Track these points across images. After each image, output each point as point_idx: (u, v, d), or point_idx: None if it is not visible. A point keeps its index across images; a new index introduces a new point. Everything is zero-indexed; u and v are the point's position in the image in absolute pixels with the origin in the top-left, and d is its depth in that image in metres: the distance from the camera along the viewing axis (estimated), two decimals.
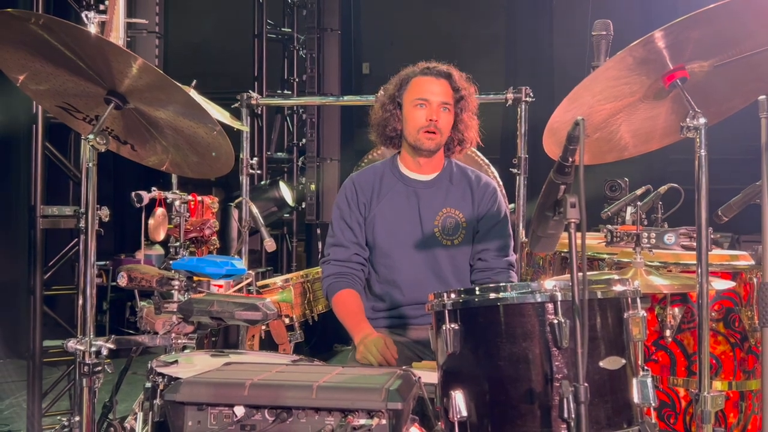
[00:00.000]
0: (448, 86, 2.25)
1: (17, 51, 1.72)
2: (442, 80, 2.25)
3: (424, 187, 2.31)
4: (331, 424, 1.32)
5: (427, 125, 2.22)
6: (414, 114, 2.24)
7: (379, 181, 2.33)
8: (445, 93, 2.24)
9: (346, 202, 2.33)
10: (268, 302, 1.68)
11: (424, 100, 2.23)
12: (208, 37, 6.57)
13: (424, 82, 2.25)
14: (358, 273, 2.29)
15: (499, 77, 6.18)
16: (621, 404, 1.36)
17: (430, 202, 2.29)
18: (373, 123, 2.37)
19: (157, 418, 1.59)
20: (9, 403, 4.28)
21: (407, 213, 2.28)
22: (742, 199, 2.16)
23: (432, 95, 2.23)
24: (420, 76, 2.27)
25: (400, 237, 2.27)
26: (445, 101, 2.24)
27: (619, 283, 1.42)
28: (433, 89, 2.24)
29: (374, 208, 2.31)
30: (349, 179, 2.41)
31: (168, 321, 1.90)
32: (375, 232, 2.29)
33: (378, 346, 2.03)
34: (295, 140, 6.35)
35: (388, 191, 2.31)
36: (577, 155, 1.25)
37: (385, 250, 2.28)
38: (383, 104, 2.33)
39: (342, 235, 2.30)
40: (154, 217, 2.54)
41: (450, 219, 2.26)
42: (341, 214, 2.32)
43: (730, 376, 2.33)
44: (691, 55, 1.59)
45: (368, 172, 2.39)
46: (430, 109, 2.22)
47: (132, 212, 2.94)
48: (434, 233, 2.25)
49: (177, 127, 1.87)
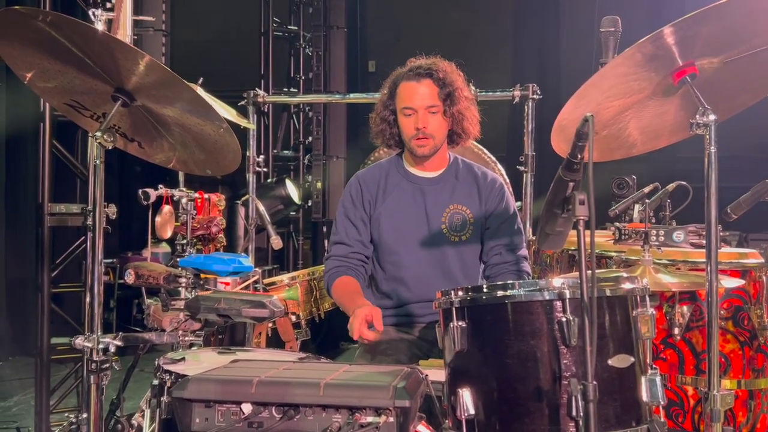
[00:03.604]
0: (432, 85, 2.21)
1: (25, 48, 1.72)
2: (425, 81, 2.21)
3: (429, 184, 2.31)
4: (338, 422, 1.32)
5: (416, 134, 2.21)
6: (404, 123, 2.24)
7: (385, 179, 2.33)
8: (429, 95, 2.20)
9: (350, 200, 2.34)
10: (275, 299, 1.68)
11: (410, 108, 2.21)
12: (214, 34, 6.57)
13: (408, 88, 2.22)
14: (359, 267, 2.29)
15: (506, 74, 6.16)
16: (630, 402, 1.35)
17: (437, 198, 2.28)
18: (374, 131, 2.38)
19: (165, 415, 1.60)
20: (17, 400, 4.30)
21: (413, 210, 2.28)
22: (751, 197, 2.15)
23: (416, 101, 2.20)
24: (404, 81, 2.24)
25: (406, 234, 2.27)
26: (431, 104, 2.20)
27: (627, 281, 1.41)
28: (416, 94, 2.20)
29: (380, 205, 2.31)
30: (354, 177, 2.41)
31: (175, 318, 1.91)
32: (381, 230, 2.29)
33: (357, 319, 1.98)
34: (301, 138, 6.35)
35: (394, 189, 2.32)
36: (586, 152, 1.24)
37: (391, 248, 2.28)
38: (379, 112, 2.33)
39: (345, 233, 2.31)
40: (161, 215, 2.54)
41: (457, 215, 2.26)
42: (345, 212, 2.33)
43: (739, 375, 2.31)
44: (701, 51, 1.58)
45: (374, 169, 2.39)
46: (416, 116, 2.21)
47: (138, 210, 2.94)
48: (441, 230, 2.25)
49: (184, 125, 1.87)
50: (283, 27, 6.31)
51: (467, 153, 3.21)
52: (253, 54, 6.07)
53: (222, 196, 2.82)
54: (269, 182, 5.60)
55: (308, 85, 6.18)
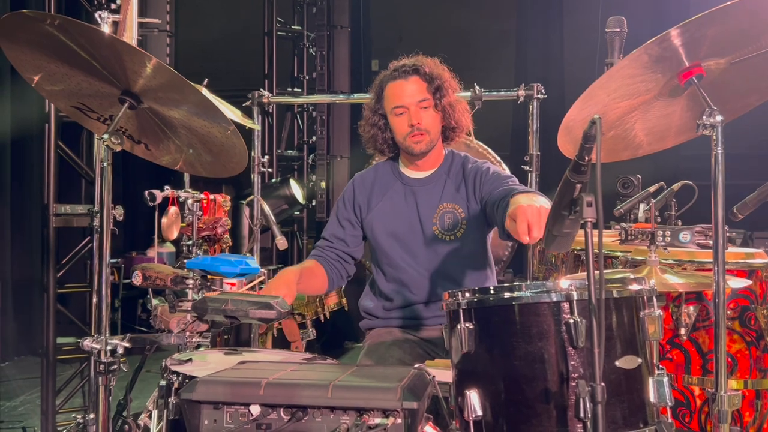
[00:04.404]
0: (420, 81, 2.19)
1: (32, 52, 1.73)
2: (412, 78, 2.19)
3: (420, 185, 2.29)
4: (346, 423, 1.32)
5: (410, 131, 2.19)
6: (397, 123, 2.22)
7: (379, 182, 2.34)
8: (419, 90, 2.19)
9: (343, 201, 2.38)
10: (282, 300, 1.68)
11: (401, 106, 2.20)
12: (218, 35, 6.58)
13: (396, 87, 2.21)
14: (334, 261, 2.32)
15: (510, 74, 6.16)
16: (637, 404, 1.35)
17: (427, 199, 2.26)
18: (365, 138, 2.36)
19: (172, 416, 1.60)
20: (23, 399, 4.32)
21: (405, 213, 2.27)
22: (757, 197, 2.15)
23: (407, 98, 2.19)
24: (390, 81, 2.22)
25: (400, 238, 2.26)
26: (422, 99, 2.19)
27: (635, 282, 1.41)
28: (406, 92, 2.19)
29: (373, 208, 2.31)
30: (353, 178, 2.43)
31: (182, 319, 1.92)
32: (375, 233, 2.29)
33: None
34: (305, 138, 6.36)
35: (387, 191, 2.32)
36: (594, 154, 1.24)
37: (387, 251, 2.28)
38: (368, 119, 2.31)
39: (330, 230, 2.36)
40: (168, 216, 2.55)
41: (448, 215, 2.23)
42: (336, 211, 2.38)
43: (745, 375, 2.31)
44: (707, 52, 1.57)
45: (371, 171, 2.40)
46: (409, 113, 2.19)
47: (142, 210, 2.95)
48: (434, 232, 2.23)
49: (191, 127, 1.87)
50: (286, 27, 6.31)
51: (472, 153, 3.21)
52: (256, 54, 6.08)
53: (227, 196, 2.83)
54: (273, 182, 5.61)
55: (312, 85, 6.19)
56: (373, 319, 2.35)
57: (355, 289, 2.88)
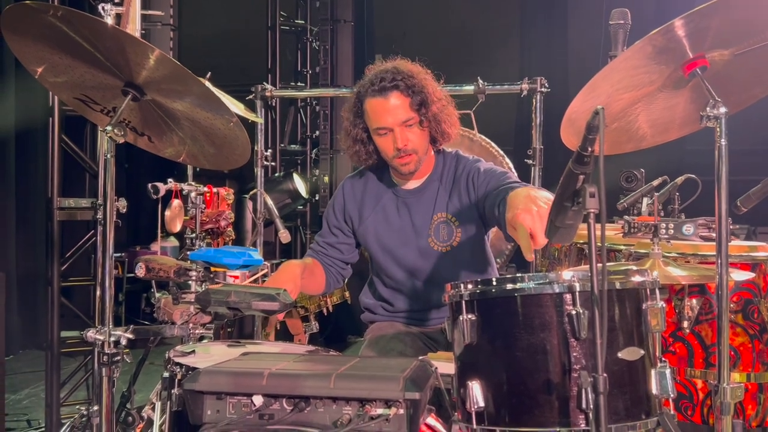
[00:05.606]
0: (401, 97, 2.05)
1: (36, 43, 1.73)
2: (392, 94, 2.05)
3: (412, 195, 2.22)
4: (348, 414, 1.33)
5: (396, 154, 2.09)
6: (381, 143, 2.11)
7: (370, 192, 2.27)
8: (401, 108, 2.05)
9: (332, 209, 2.32)
10: (285, 292, 1.69)
11: (383, 128, 2.08)
12: (221, 29, 6.58)
13: (377, 106, 2.07)
14: (329, 264, 2.32)
15: (513, 67, 6.13)
16: (639, 395, 1.35)
17: (421, 211, 2.19)
18: (348, 153, 2.23)
19: (175, 408, 1.61)
20: (27, 393, 4.34)
21: (399, 226, 2.21)
22: (761, 190, 2.14)
23: (389, 119, 2.06)
24: (370, 98, 2.08)
25: (393, 252, 2.22)
26: (406, 118, 2.06)
27: (637, 274, 1.41)
28: (387, 112, 2.05)
29: (365, 219, 2.26)
30: (343, 183, 2.36)
31: (186, 311, 1.92)
32: (368, 246, 2.27)
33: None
34: (308, 132, 6.36)
35: (378, 201, 2.25)
36: (597, 145, 1.24)
37: (382, 265, 2.25)
38: (349, 132, 2.19)
39: (324, 237, 2.34)
40: (171, 209, 2.55)
41: (442, 225, 2.16)
42: (327, 218, 2.35)
43: (748, 368, 2.31)
44: (712, 43, 1.57)
45: (360, 180, 2.31)
46: (393, 135, 2.07)
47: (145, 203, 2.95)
48: (428, 243, 2.17)
49: (194, 119, 1.87)
50: (290, 21, 6.31)
51: (475, 147, 3.21)
52: (260, 48, 6.08)
53: (231, 190, 2.83)
54: (277, 176, 5.61)
55: (315, 79, 6.18)
56: (374, 315, 2.35)
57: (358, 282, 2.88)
